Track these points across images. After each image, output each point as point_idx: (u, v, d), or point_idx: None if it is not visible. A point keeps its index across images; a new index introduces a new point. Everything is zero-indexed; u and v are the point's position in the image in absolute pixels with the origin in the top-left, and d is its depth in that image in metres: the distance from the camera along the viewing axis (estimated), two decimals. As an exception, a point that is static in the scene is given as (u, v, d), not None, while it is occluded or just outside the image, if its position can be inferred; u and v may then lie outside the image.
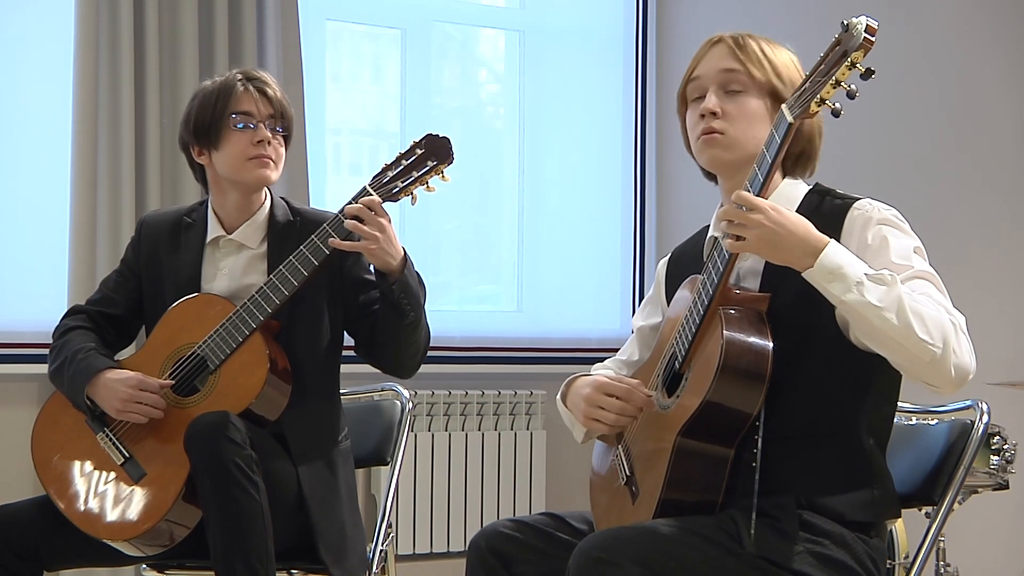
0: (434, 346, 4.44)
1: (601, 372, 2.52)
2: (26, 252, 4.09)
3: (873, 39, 1.97)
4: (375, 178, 2.82)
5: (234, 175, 2.93)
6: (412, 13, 4.74)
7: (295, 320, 2.90)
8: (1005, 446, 3.70)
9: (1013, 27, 5.54)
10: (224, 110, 2.91)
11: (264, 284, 2.83)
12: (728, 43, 2.31)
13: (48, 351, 2.99)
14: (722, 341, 2.12)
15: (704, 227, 2.43)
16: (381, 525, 3.08)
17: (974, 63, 5.46)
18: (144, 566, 3.01)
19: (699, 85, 2.32)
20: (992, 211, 5.45)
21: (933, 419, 2.63)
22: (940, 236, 5.13)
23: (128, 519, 2.78)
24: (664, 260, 2.56)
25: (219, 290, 2.94)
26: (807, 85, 2.05)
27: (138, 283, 3.03)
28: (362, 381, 3.30)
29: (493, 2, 5.00)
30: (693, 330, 2.21)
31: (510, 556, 2.28)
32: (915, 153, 5.32)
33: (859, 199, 2.24)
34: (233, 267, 2.96)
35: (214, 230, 2.98)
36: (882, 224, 2.19)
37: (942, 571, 3.78)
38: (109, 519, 2.80)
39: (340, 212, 2.80)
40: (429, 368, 4.45)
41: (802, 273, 2.08)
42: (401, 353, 2.91)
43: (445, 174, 2.83)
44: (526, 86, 4.90)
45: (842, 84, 2.01)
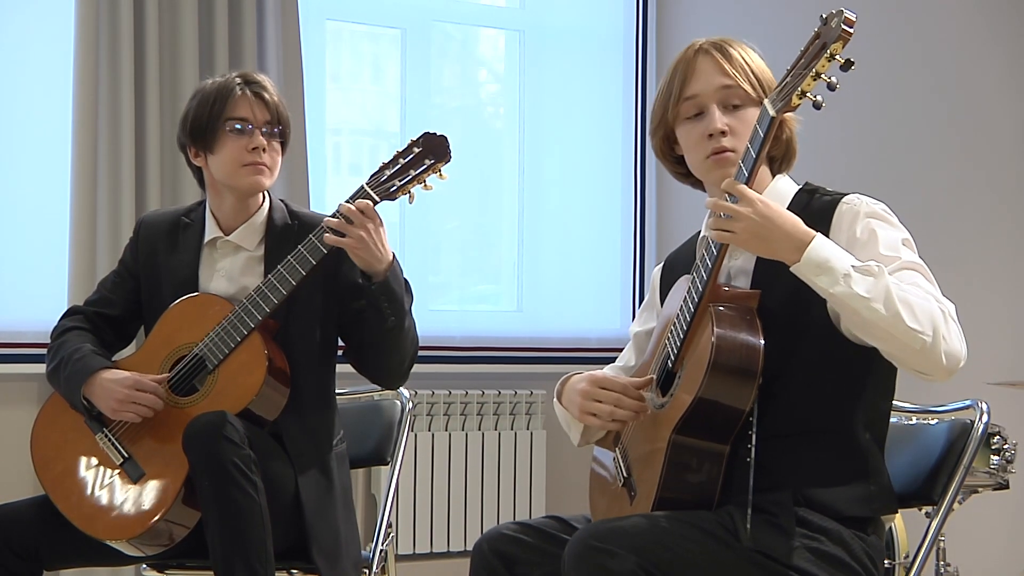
0: (434, 346, 4.49)
1: None
2: (26, 252, 4.09)
3: (851, 30, 1.99)
4: (373, 177, 2.81)
5: (228, 180, 2.93)
6: (412, 13, 4.74)
7: (291, 324, 2.89)
8: (1005, 446, 3.70)
9: (1013, 27, 5.54)
10: (220, 114, 2.90)
11: (262, 284, 2.83)
12: (715, 56, 2.30)
13: (46, 351, 3.00)
14: (712, 338, 2.12)
15: (696, 233, 2.44)
16: (381, 525, 3.08)
17: (974, 63, 5.46)
18: (144, 566, 3.01)
19: (697, 103, 2.30)
20: (992, 211, 5.45)
21: (933, 419, 2.63)
22: (940, 236, 5.15)
23: (128, 519, 2.78)
24: (659, 267, 2.57)
25: (216, 291, 2.94)
26: (788, 79, 2.06)
27: (136, 284, 3.03)
28: (362, 381, 3.29)
29: (493, 2, 5.00)
30: (684, 329, 2.22)
31: (513, 558, 2.29)
32: (915, 153, 5.32)
33: (847, 194, 2.25)
34: (230, 269, 2.96)
35: (212, 231, 2.98)
36: (870, 217, 2.20)
37: (942, 571, 3.78)
38: (108, 519, 2.80)
39: (335, 212, 2.80)
40: (429, 368, 4.47)
41: (790, 267, 2.09)
42: (386, 359, 2.89)
43: (443, 172, 2.82)
44: (526, 86, 4.90)
45: (822, 76, 2.02)
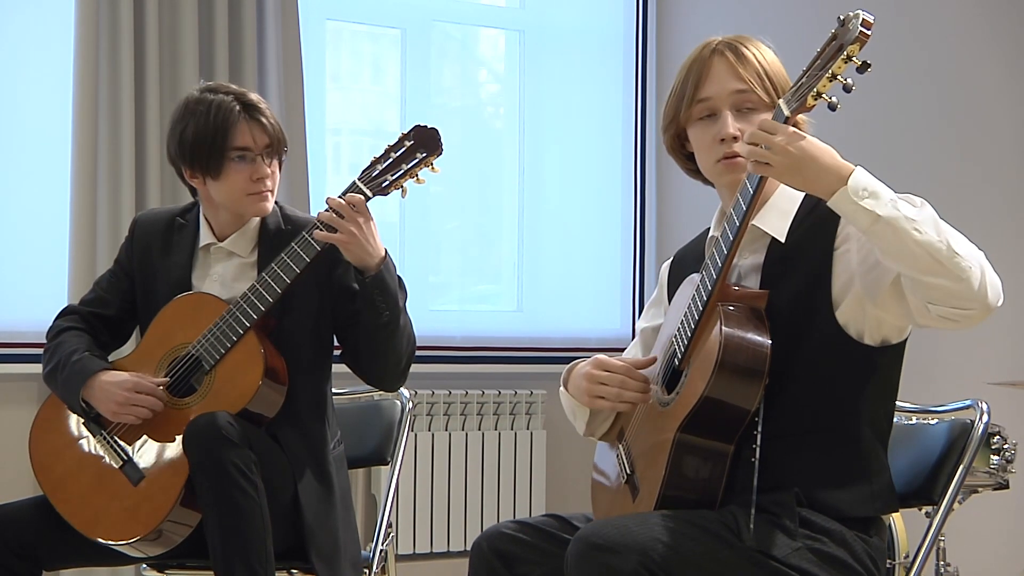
0: (434, 345, 4.49)
1: None
2: (26, 252, 4.09)
3: (869, 33, 1.98)
4: (364, 172, 2.80)
5: (231, 206, 2.91)
6: (412, 13, 4.74)
7: (286, 326, 2.88)
8: (1005, 446, 3.70)
9: (1013, 27, 5.53)
10: (224, 144, 2.85)
11: (256, 282, 2.81)
12: (729, 58, 2.29)
13: (42, 352, 2.99)
14: (720, 337, 2.12)
15: (705, 230, 2.43)
16: (381, 525, 3.08)
17: (974, 63, 5.46)
18: (144, 566, 3.00)
19: (710, 106, 2.30)
20: (992, 211, 5.44)
21: (933, 419, 2.63)
22: (940, 236, 5.14)
23: (128, 521, 2.78)
24: (667, 262, 2.56)
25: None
26: (804, 79, 2.06)
27: (131, 283, 3.02)
28: (361, 380, 3.29)
29: (493, 2, 5.00)
30: (692, 327, 2.22)
31: (513, 557, 2.28)
32: (915, 153, 5.31)
33: None
34: (224, 274, 2.95)
35: (206, 237, 2.97)
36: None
37: (942, 571, 3.78)
38: (109, 521, 2.80)
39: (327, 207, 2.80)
40: (429, 368, 4.47)
41: (829, 200, 2.05)
42: (383, 359, 2.87)
43: (435, 166, 2.81)
44: (526, 86, 4.90)
45: (838, 78, 2.01)
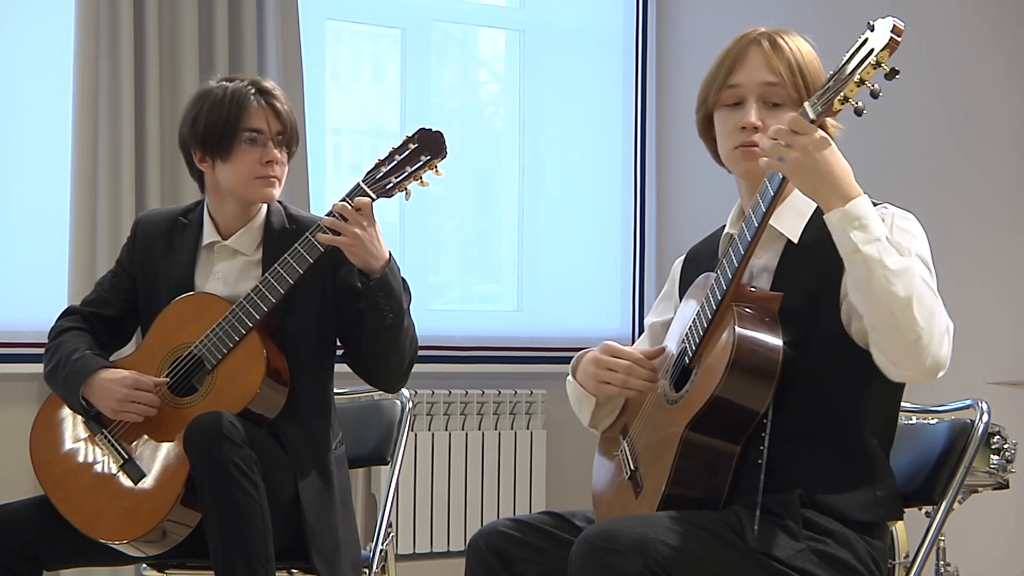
0: (434, 345, 4.49)
1: None
2: (26, 252, 4.09)
3: (899, 39, 1.98)
4: (368, 174, 2.81)
5: (238, 190, 2.92)
6: (412, 13, 4.74)
7: (288, 326, 2.89)
8: (1005, 445, 3.70)
9: (1013, 27, 5.53)
10: (237, 124, 2.87)
11: (259, 283, 2.82)
12: (766, 49, 2.29)
13: (43, 352, 2.99)
14: (734, 337, 2.11)
15: (720, 227, 2.43)
16: (381, 525, 3.08)
17: (974, 63, 5.46)
18: (144, 566, 3.01)
19: (737, 93, 2.30)
20: (992, 211, 5.45)
21: (933, 418, 2.63)
22: (940, 236, 5.10)
23: (128, 520, 2.78)
24: (680, 258, 2.55)
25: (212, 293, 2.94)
26: (831, 83, 2.05)
27: (132, 284, 3.02)
28: (362, 381, 3.29)
29: (493, 1, 5.00)
30: (705, 326, 2.21)
31: (510, 555, 2.28)
32: (915, 153, 5.32)
33: (877, 204, 2.24)
34: (227, 272, 2.95)
35: (209, 235, 2.97)
36: (897, 228, 2.19)
37: (942, 570, 3.79)
38: (109, 520, 2.80)
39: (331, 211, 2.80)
40: (429, 368, 4.47)
41: (825, 214, 2.07)
42: (385, 360, 2.87)
43: (439, 168, 2.81)
44: (526, 86, 4.90)
45: (866, 83, 2.01)
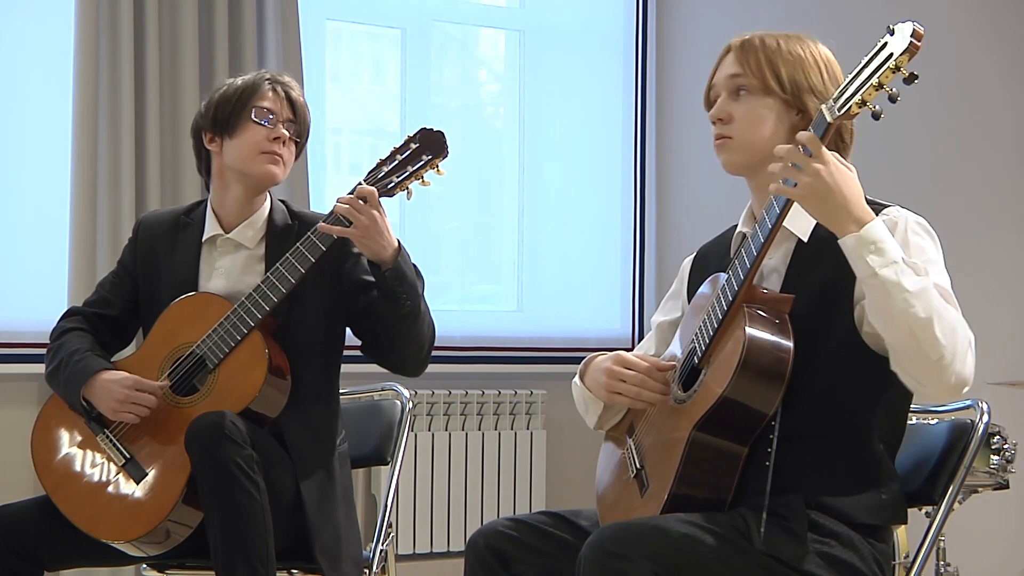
0: (435, 345, 4.48)
1: None
2: (26, 252, 4.09)
3: (919, 44, 1.98)
4: (370, 173, 2.81)
5: (243, 166, 2.92)
6: (412, 13, 4.74)
7: (292, 324, 2.89)
8: (1005, 445, 3.70)
9: (1013, 27, 5.54)
10: (247, 102, 2.91)
11: (261, 282, 2.82)
12: (735, 48, 2.34)
13: (45, 352, 2.99)
14: (744, 338, 2.11)
15: (732, 227, 2.43)
16: (381, 525, 3.08)
17: (974, 63, 5.46)
18: (144, 566, 3.01)
19: (714, 93, 2.36)
20: (992, 211, 5.45)
21: (933, 419, 2.63)
22: (941, 237, 5.13)
23: (129, 520, 2.78)
24: (690, 257, 2.55)
25: (216, 289, 2.94)
26: (850, 87, 2.05)
27: (134, 284, 3.02)
28: (362, 381, 3.30)
29: (493, 2, 5.00)
30: (715, 326, 2.21)
31: (508, 555, 2.28)
32: (914, 152, 5.32)
33: (889, 206, 2.24)
34: (230, 267, 2.96)
35: (212, 228, 2.97)
36: (909, 231, 2.19)
37: (942, 571, 3.79)
38: (110, 520, 2.80)
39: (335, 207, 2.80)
40: (429, 368, 4.45)
41: (840, 239, 2.07)
42: (406, 348, 2.88)
43: (440, 168, 2.81)
44: (526, 86, 4.90)
45: (885, 87, 2.01)
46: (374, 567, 3.01)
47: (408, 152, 2.81)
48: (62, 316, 3.06)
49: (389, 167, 2.81)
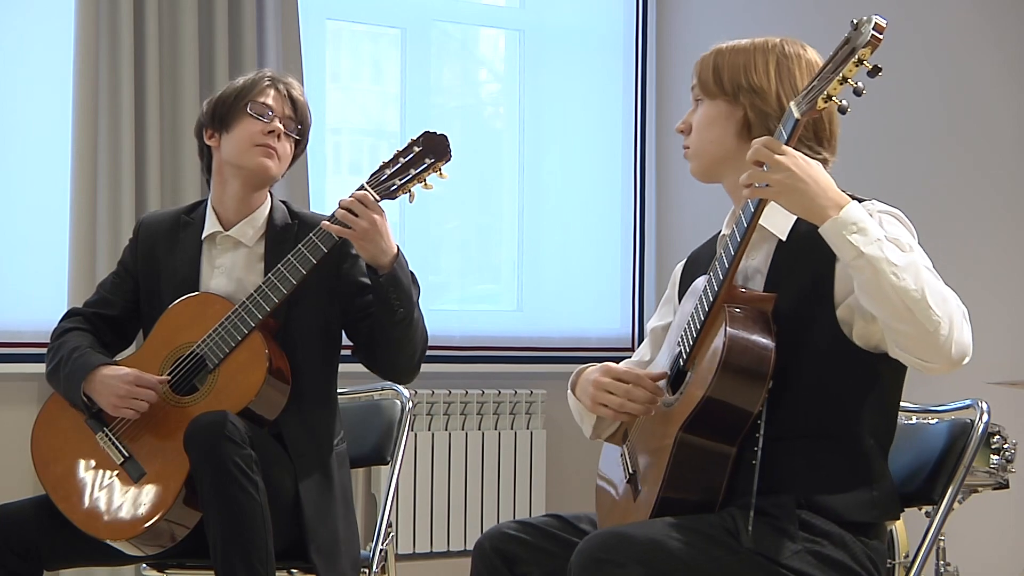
0: (434, 345, 4.45)
1: None
2: (26, 252, 4.09)
3: (881, 37, 1.99)
4: (373, 176, 2.82)
5: (237, 159, 2.93)
6: (412, 13, 4.74)
7: (292, 324, 2.89)
8: (1005, 445, 3.70)
9: (1013, 27, 5.53)
10: (246, 97, 2.93)
11: (263, 283, 2.83)
12: (696, 62, 2.38)
13: (46, 352, 2.99)
14: (725, 338, 2.12)
15: (718, 232, 2.44)
16: (381, 525, 3.08)
17: (974, 63, 5.46)
18: (144, 565, 3.01)
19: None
20: (992, 210, 5.45)
21: (933, 418, 2.63)
22: (940, 235, 5.12)
23: (128, 518, 2.78)
24: (681, 263, 2.56)
25: (215, 288, 2.94)
26: (815, 82, 2.06)
27: (135, 284, 3.02)
28: (362, 381, 3.30)
29: (493, 1, 5.00)
30: (698, 327, 2.22)
31: (514, 557, 2.29)
32: (915, 152, 5.32)
33: (864, 200, 2.24)
34: (230, 266, 2.96)
35: (211, 226, 2.98)
36: (883, 214, 2.19)
37: (942, 570, 3.78)
38: (109, 519, 2.80)
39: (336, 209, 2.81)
40: (429, 368, 4.45)
41: (820, 226, 2.07)
42: (398, 353, 2.89)
43: (443, 171, 2.82)
44: (526, 86, 4.90)
45: (849, 81, 2.02)
46: (374, 567, 3.01)
47: (411, 155, 2.81)
48: (63, 317, 3.06)
49: (392, 169, 2.81)
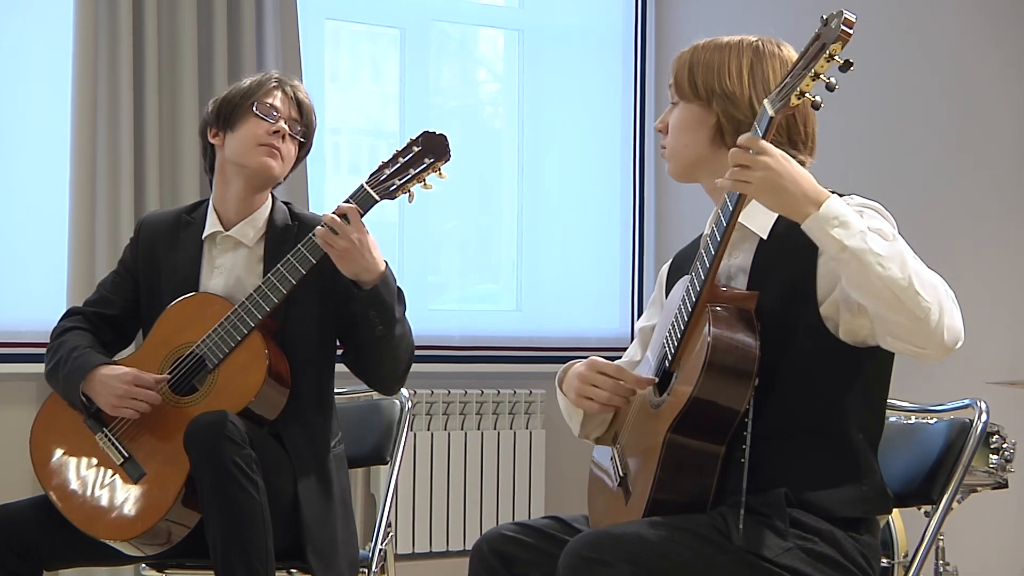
0: (433, 345, 4.49)
1: None
2: (25, 252, 4.09)
3: (850, 31, 1.99)
4: (372, 176, 2.81)
5: (240, 158, 2.92)
6: (411, 12, 4.74)
7: (290, 325, 2.89)
8: (1004, 445, 3.70)
9: (1013, 27, 5.53)
10: (252, 97, 2.93)
11: (262, 283, 2.82)
12: (673, 61, 2.38)
13: (45, 351, 2.99)
14: (708, 338, 2.12)
15: (702, 233, 2.44)
16: (380, 524, 3.08)
17: (974, 62, 5.46)
18: (143, 566, 3.01)
19: None
20: (991, 210, 5.45)
21: (932, 418, 2.63)
22: (940, 234, 5.15)
23: (128, 519, 2.78)
24: (667, 264, 2.56)
25: (215, 288, 2.94)
26: (787, 79, 2.07)
27: (135, 284, 3.02)
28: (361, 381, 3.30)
29: (492, 1, 5.00)
30: (682, 328, 2.22)
31: (512, 558, 2.28)
32: (915, 152, 5.32)
33: (843, 195, 2.24)
34: (230, 266, 2.96)
35: (212, 225, 2.98)
36: (863, 208, 2.19)
37: (941, 570, 3.78)
38: (109, 519, 2.80)
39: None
40: (428, 367, 4.47)
41: (802, 223, 2.07)
42: (380, 367, 2.89)
43: (443, 171, 2.82)
44: (525, 85, 4.90)
45: (821, 77, 2.02)
46: (373, 567, 3.01)
47: (410, 155, 2.81)
48: (62, 316, 3.06)
49: (391, 169, 2.81)
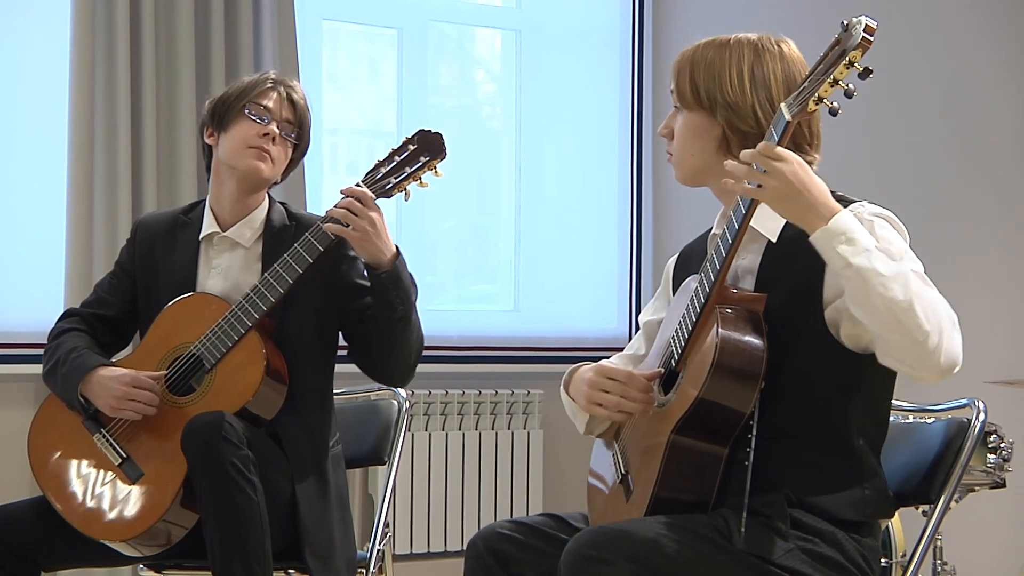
0: (431, 345, 4.45)
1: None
2: (22, 253, 4.09)
3: (872, 39, 1.98)
4: (368, 174, 2.82)
5: (231, 160, 2.92)
6: (408, 13, 4.74)
7: (288, 325, 2.89)
8: (1002, 444, 3.70)
9: (1013, 27, 5.54)
10: (245, 98, 2.92)
11: (259, 282, 2.82)
12: (674, 62, 2.37)
13: (43, 353, 2.99)
14: (717, 340, 2.12)
15: (709, 229, 2.43)
16: (378, 525, 3.08)
17: (974, 63, 5.46)
18: (141, 566, 3.01)
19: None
20: (991, 211, 5.45)
21: (930, 417, 2.63)
22: (939, 236, 5.14)
23: (126, 519, 2.78)
24: (674, 257, 2.56)
25: (212, 289, 2.94)
26: (806, 84, 2.06)
27: (132, 284, 3.02)
28: (359, 381, 3.29)
29: (489, 1, 5.01)
30: (689, 328, 2.22)
31: (508, 556, 2.28)
32: (914, 153, 5.32)
33: (854, 201, 2.24)
34: (227, 266, 2.96)
35: (209, 226, 2.98)
36: (875, 217, 2.19)
37: (939, 569, 3.79)
38: (107, 519, 2.80)
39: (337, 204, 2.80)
40: (426, 368, 4.45)
41: (811, 235, 2.06)
42: (394, 355, 2.89)
43: (438, 169, 2.82)
44: (523, 85, 4.90)
45: (840, 83, 2.02)
46: (371, 567, 3.01)
47: (406, 154, 2.81)
48: (60, 317, 3.05)
49: (387, 168, 2.81)
